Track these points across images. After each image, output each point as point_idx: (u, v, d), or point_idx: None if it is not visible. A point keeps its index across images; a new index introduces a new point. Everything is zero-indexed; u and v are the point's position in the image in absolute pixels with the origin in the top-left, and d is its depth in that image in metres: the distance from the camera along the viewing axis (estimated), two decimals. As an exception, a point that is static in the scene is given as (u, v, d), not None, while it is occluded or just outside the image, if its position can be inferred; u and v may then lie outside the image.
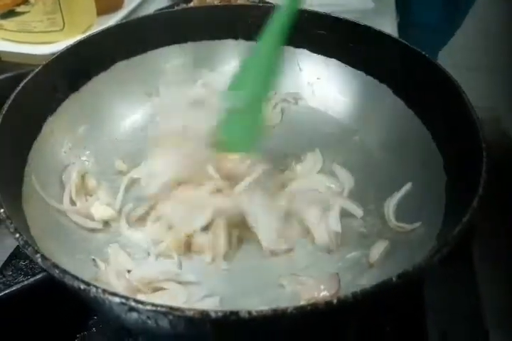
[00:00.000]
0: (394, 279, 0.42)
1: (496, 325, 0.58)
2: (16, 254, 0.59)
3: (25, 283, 0.54)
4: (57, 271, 0.41)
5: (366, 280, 0.54)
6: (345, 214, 0.62)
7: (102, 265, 0.57)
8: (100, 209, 0.63)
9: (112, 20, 0.98)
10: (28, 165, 0.60)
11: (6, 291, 0.52)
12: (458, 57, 1.69)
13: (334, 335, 0.55)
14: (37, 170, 0.61)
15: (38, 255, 0.43)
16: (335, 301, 0.39)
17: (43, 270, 0.47)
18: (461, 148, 0.58)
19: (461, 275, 0.62)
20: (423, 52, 0.66)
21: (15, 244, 0.59)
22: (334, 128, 0.75)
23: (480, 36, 2.05)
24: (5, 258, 0.58)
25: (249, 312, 0.38)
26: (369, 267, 0.57)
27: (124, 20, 0.76)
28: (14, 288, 0.52)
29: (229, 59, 0.80)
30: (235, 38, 0.79)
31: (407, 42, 0.69)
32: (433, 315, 0.58)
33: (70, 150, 0.68)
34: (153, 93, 0.77)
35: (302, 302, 0.52)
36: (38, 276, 0.55)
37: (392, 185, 0.65)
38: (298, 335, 0.46)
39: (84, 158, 0.69)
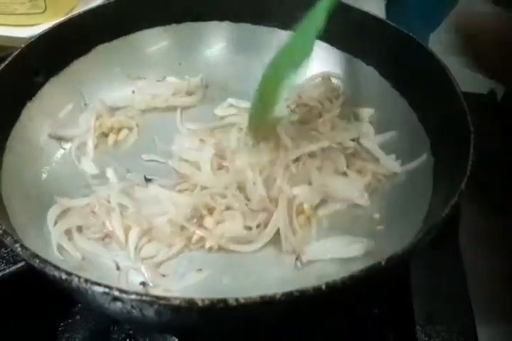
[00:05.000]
0: (383, 263, 0.42)
1: (481, 305, 0.58)
2: (-2, 242, 0.57)
3: (7, 271, 0.53)
4: (37, 261, 0.40)
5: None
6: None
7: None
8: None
9: (95, 2, 0.95)
10: (6, 152, 0.58)
11: (-12, 280, 0.51)
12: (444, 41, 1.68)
13: (323, 319, 0.55)
14: (16, 157, 0.59)
15: (18, 245, 0.42)
16: (323, 287, 0.39)
17: (23, 259, 0.46)
18: (448, 130, 0.58)
19: (446, 257, 0.62)
20: (410, 34, 0.65)
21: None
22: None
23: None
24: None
25: (237, 300, 0.37)
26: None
27: (106, 2, 0.73)
28: (-5, 277, 0.51)
29: (214, 41, 0.78)
30: (220, 19, 0.77)
31: (393, 24, 0.67)
32: (419, 297, 0.58)
33: (49, 136, 0.66)
34: (135, 76, 0.75)
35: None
36: (20, 264, 0.54)
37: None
38: (287, 321, 0.45)
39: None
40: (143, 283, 0.52)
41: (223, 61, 0.78)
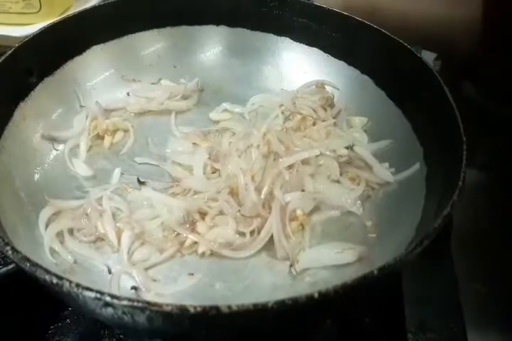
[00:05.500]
0: (375, 272, 0.42)
1: (472, 312, 0.59)
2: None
3: (-4, 273, 0.52)
4: (28, 265, 0.40)
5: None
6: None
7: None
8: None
9: (91, 2, 0.95)
10: (-1, 152, 0.58)
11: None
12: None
13: (315, 327, 0.55)
14: (8, 157, 0.59)
15: (8, 247, 0.41)
16: (316, 295, 0.39)
17: (13, 262, 0.45)
18: (441, 140, 0.58)
19: (438, 265, 0.62)
20: (404, 43, 0.66)
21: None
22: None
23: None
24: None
25: (229, 307, 0.37)
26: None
27: (102, 3, 0.73)
28: (-16, 279, 0.50)
29: (210, 45, 0.78)
30: (217, 23, 0.77)
31: (388, 33, 0.68)
32: (411, 304, 0.58)
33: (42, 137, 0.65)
34: (130, 78, 0.75)
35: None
36: (10, 266, 0.53)
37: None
38: (279, 328, 0.45)
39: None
40: (134, 288, 0.51)
41: (218, 65, 0.78)
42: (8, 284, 0.52)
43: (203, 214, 0.59)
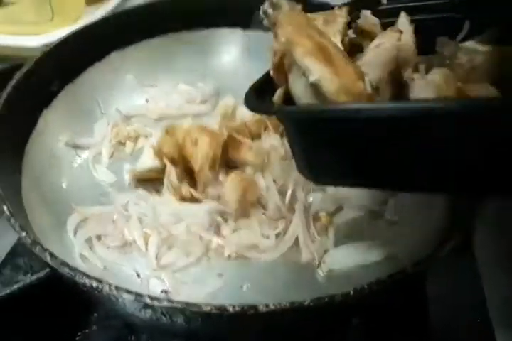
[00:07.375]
0: (408, 268, 0.42)
1: (499, 310, 0.58)
2: (15, 252, 0.57)
3: (26, 281, 0.53)
4: (67, 270, 0.40)
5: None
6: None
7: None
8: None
9: (102, 9, 0.95)
10: (25, 158, 0.59)
11: (6, 291, 0.51)
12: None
13: (341, 326, 0.55)
14: (35, 163, 0.60)
15: (47, 253, 0.42)
16: (351, 292, 0.39)
17: (50, 268, 0.45)
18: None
19: (462, 268, 0.61)
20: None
21: (13, 241, 0.58)
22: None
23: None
24: (3, 256, 0.56)
25: (267, 306, 0.37)
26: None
27: (117, 10, 0.74)
28: (14, 286, 0.51)
29: (227, 48, 0.78)
30: (233, 26, 0.77)
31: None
32: (436, 303, 0.57)
33: (66, 144, 0.66)
34: (148, 83, 0.75)
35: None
36: (38, 274, 0.53)
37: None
38: (313, 325, 0.45)
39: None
40: (165, 291, 0.52)
41: (236, 68, 0.78)
42: (35, 292, 0.52)
43: (226, 218, 0.60)
